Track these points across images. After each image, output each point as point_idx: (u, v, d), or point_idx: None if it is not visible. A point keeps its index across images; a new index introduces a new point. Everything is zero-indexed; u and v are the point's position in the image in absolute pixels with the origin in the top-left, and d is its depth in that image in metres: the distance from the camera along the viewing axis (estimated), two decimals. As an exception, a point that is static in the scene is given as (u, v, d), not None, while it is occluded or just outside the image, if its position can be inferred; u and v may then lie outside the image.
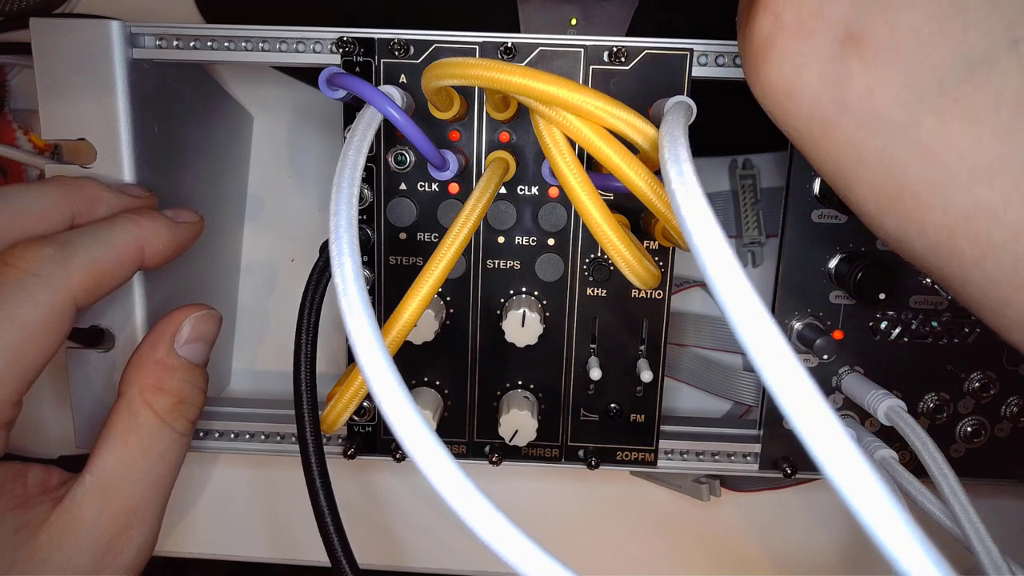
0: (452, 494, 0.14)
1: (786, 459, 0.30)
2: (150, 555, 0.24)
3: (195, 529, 0.38)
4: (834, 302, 0.28)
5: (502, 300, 0.29)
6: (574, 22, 0.32)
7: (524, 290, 0.29)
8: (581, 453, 0.30)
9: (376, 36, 0.26)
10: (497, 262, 0.28)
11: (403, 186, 0.28)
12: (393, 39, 0.26)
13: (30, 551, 0.21)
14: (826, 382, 0.29)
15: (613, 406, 0.29)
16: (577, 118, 0.21)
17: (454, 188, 0.28)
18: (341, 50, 0.26)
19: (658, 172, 0.19)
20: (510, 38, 0.26)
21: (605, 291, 0.28)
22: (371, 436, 0.30)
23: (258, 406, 0.31)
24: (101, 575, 0.22)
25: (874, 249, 0.28)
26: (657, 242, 0.28)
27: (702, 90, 0.26)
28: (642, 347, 0.29)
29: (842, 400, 0.29)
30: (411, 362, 0.29)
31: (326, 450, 0.25)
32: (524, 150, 0.27)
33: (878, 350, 0.29)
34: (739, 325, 0.14)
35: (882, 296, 0.26)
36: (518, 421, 0.28)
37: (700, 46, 0.26)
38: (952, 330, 0.28)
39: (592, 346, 0.29)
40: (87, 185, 0.24)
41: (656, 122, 0.20)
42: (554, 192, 0.27)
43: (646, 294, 0.28)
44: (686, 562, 0.37)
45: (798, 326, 0.28)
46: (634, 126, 0.21)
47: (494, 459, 0.29)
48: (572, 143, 0.22)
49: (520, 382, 0.29)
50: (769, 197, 0.34)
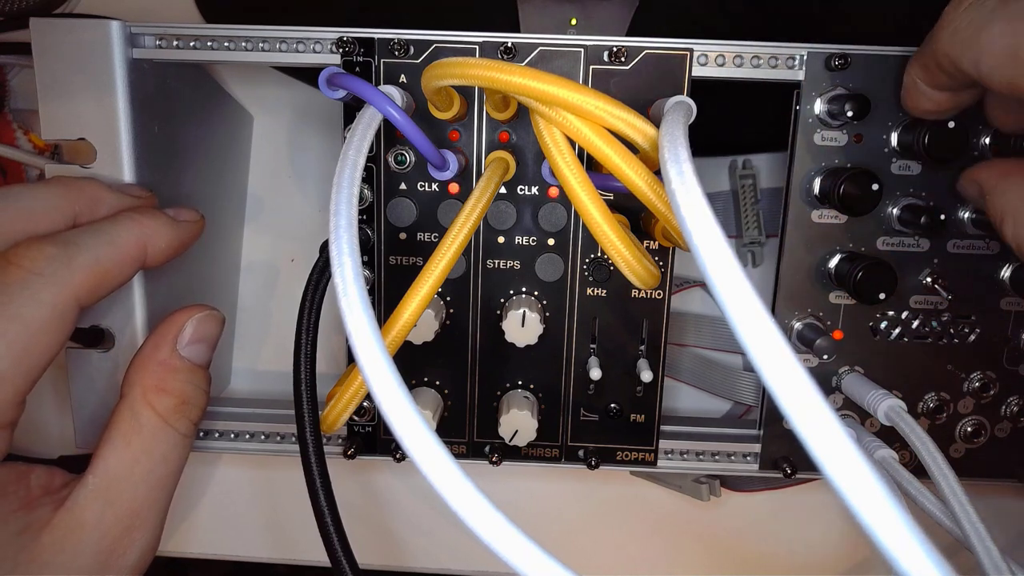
0: (452, 494, 0.14)
1: (786, 459, 0.30)
2: (153, 556, 0.24)
3: (195, 529, 0.38)
4: (834, 302, 0.28)
5: (502, 300, 0.29)
6: (574, 22, 0.32)
7: (524, 290, 0.29)
8: (581, 453, 0.30)
9: (376, 36, 0.26)
10: (497, 262, 0.28)
11: (403, 186, 0.28)
12: (393, 39, 0.26)
13: (33, 553, 0.21)
14: (826, 382, 0.29)
15: (613, 406, 0.29)
16: (577, 118, 0.21)
17: (454, 188, 0.28)
18: (341, 50, 0.26)
19: (658, 172, 0.19)
20: (510, 38, 0.26)
21: (605, 291, 0.28)
22: (371, 436, 0.30)
23: (258, 406, 0.31)
24: None
25: (874, 249, 0.28)
26: (657, 242, 0.28)
27: (702, 90, 0.26)
28: (642, 347, 0.29)
29: (842, 400, 0.29)
30: (411, 362, 0.29)
31: (326, 450, 0.25)
32: (524, 150, 0.27)
33: (878, 350, 0.29)
34: (739, 325, 0.14)
35: (882, 296, 0.26)
36: (518, 421, 0.28)
37: (700, 46, 0.26)
38: (952, 330, 0.28)
39: (592, 346, 0.29)
40: (88, 185, 0.24)
41: (656, 122, 0.20)
42: (554, 192, 0.27)
43: (646, 294, 0.28)
44: (686, 562, 0.37)
45: (798, 326, 0.28)
46: (634, 126, 0.21)
47: (494, 459, 0.29)
48: (572, 143, 0.22)
49: (520, 382, 0.29)
50: (769, 197, 0.34)
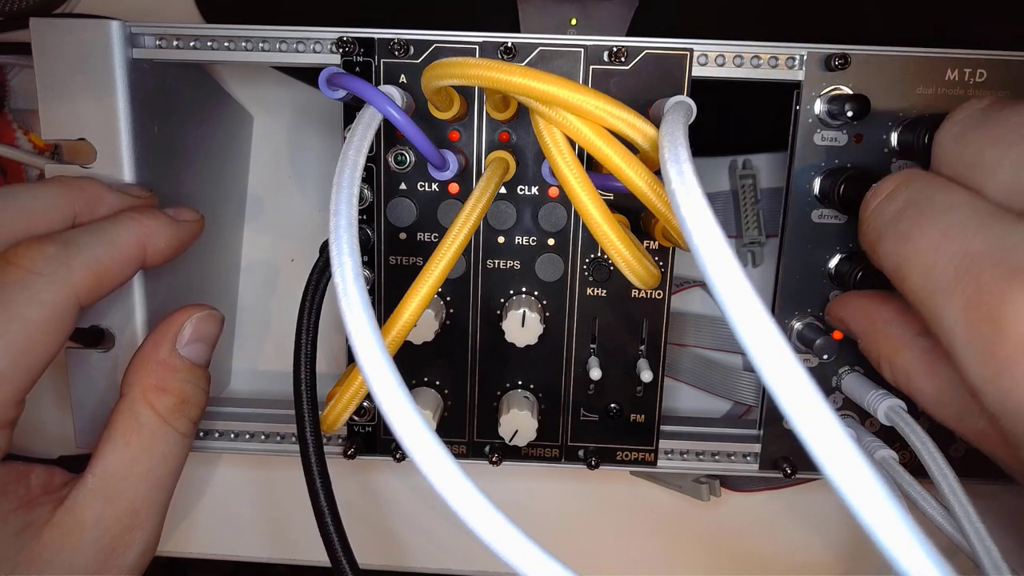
0: (452, 494, 0.14)
1: (786, 459, 0.30)
2: (153, 555, 0.24)
3: (195, 529, 0.38)
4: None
5: (502, 300, 0.29)
6: (574, 22, 0.32)
7: (524, 290, 0.29)
8: (581, 453, 0.30)
9: (376, 36, 0.26)
10: (497, 262, 0.28)
11: (403, 186, 0.28)
12: (393, 39, 0.26)
13: (33, 552, 0.21)
14: (826, 382, 0.29)
15: (613, 406, 0.29)
16: (577, 118, 0.21)
17: (454, 188, 0.28)
18: (341, 50, 0.26)
19: (658, 172, 0.19)
20: (510, 38, 0.26)
21: (605, 291, 0.28)
22: (371, 436, 0.30)
23: (258, 406, 0.31)
24: (104, 575, 0.22)
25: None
26: (657, 242, 0.28)
27: (702, 90, 0.26)
28: (642, 347, 0.29)
29: (842, 400, 0.29)
30: (411, 362, 0.29)
31: (326, 450, 0.25)
32: (524, 150, 0.27)
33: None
34: (739, 325, 0.14)
35: (882, 296, 0.26)
36: (518, 421, 0.28)
37: (700, 46, 0.26)
38: (952, 330, 0.28)
39: (592, 346, 0.29)
40: (88, 185, 0.24)
41: (656, 122, 0.20)
42: (554, 192, 0.27)
43: (646, 294, 0.28)
44: (686, 562, 0.37)
45: (798, 326, 0.28)
46: (634, 126, 0.21)
47: (494, 459, 0.29)
48: (572, 143, 0.22)
49: (520, 382, 0.29)
50: (769, 197, 0.34)
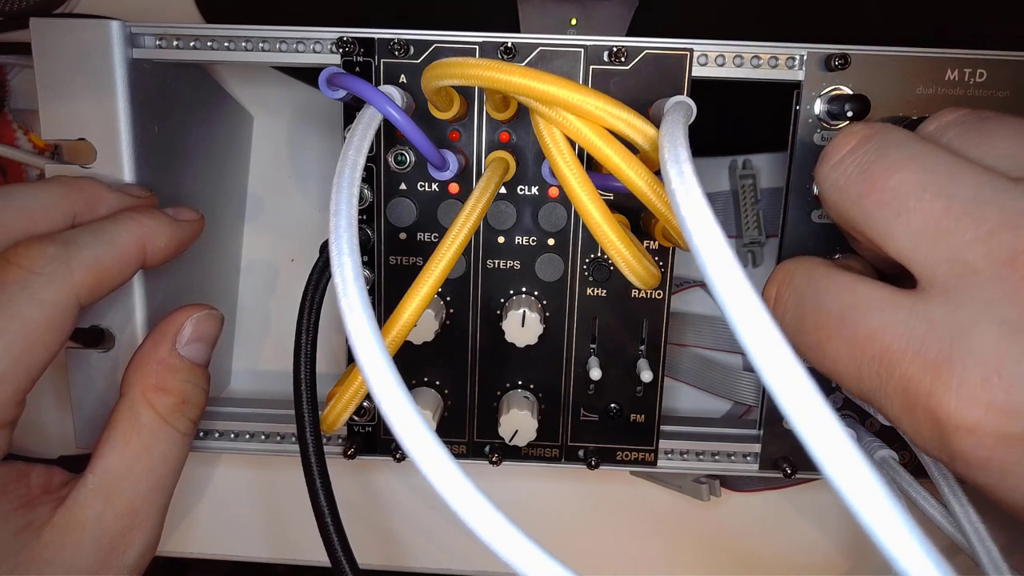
0: (452, 494, 0.14)
1: (786, 459, 0.30)
2: (153, 555, 0.24)
3: (195, 529, 0.38)
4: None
5: (502, 300, 0.29)
6: (574, 22, 0.32)
7: (524, 290, 0.29)
8: (581, 453, 0.30)
9: (376, 36, 0.26)
10: (497, 262, 0.28)
11: (403, 186, 0.28)
12: (393, 39, 0.26)
13: (33, 551, 0.21)
14: (826, 382, 0.29)
15: (613, 406, 0.29)
16: (577, 118, 0.21)
17: (454, 188, 0.28)
18: (341, 50, 0.26)
19: (658, 172, 0.19)
20: (510, 38, 0.26)
21: (605, 291, 0.28)
22: (371, 436, 0.30)
23: (258, 406, 0.31)
24: (104, 575, 0.22)
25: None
26: (657, 242, 0.28)
27: (702, 90, 0.26)
28: (642, 347, 0.29)
29: (842, 400, 0.29)
30: (411, 362, 0.29)
31: (326, 450, 0.25)
32: (524, 150, 0.27)
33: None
34: (739, 325, 0.14)
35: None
36: (518, 421, 0.28)
37: (700, 46, 0.26)
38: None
39: (592, 346, 0.29)
40: (88, 184, 0.24)
41: (656, 122, 0.20)
42: (554, 192, 0.27)
43: (646, 294, 0.28)
44: (686, 562, 0.37)
45: (798, 326, 0.28)
46: (634, 126, 0.21)
47: (494, 459, 0.29)
48: (572, 143, 0.22)
49: (520, 382, 0.29)
50: (769, 197, 0.34)
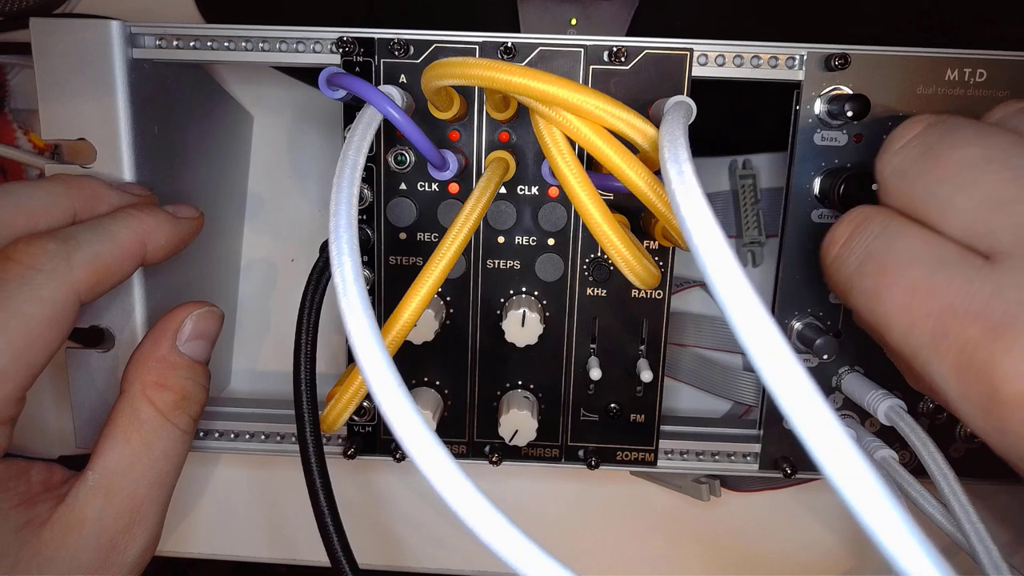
0: (452, 494, 0.14)
1: (786, 459, 0.30)
2: (153, 552, 0.24)
3: (196, 529, 0.38)
4: (834, 302, 0.28)
5: (502, 300, 0.29)
6: (574, 22, 0.32)
7: (524, 290, 0.29)
8: (581, 453, 0.30)
9: (376, 36, 0.26)
10: (497, 262, 0.28)
11: (403, 186, 0.28)
12: (393, 39, 0.26)
13: (33, 549, 0.21)
14: (826, 382, 0.29)
15: (613, 406, 0.29)
16: (577, 118, 0.21)
17: (454, 188, 0.28)
18: (341, 50, 0.26)
19: (658, 172, 0.19)
20: (510, 38, 0.26)
21: (605, 291, 0.28)
22: (371, 436, 0.30)
23: (258, 406, 0.31)
24: (104, 572, 0.22)
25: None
26: (657, 242, 0.28)
27: (702, 90, 0.26)
28: (642, 347, 0.29)
29: (842, 400, 0.29)
30: (411, 362, 0.29)
31: (326, 450, 0.25)
32: (524, 150, 0.27)
33: (878, 350, 0.28)
34: (739, 325, 0.14)
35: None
36: (518, 421, 0.28)
37: (700, 46, 0.26)
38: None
39: (592, 346, 0.29)
40: (88, 182, 0.24)
41: (656, 122, 0.20)
42: (554, 192, 0.27)
43: (646, 294, 0.28)
44: (686, 562, 0.37)
45: (798, 326, 0.28)
46: (634, 126, 0.21)
47: (494, 459, 0.29)
48: (572, 143, 0.22)
49: (520, 382, 0.29)
50: (769, 197, 0.34)
